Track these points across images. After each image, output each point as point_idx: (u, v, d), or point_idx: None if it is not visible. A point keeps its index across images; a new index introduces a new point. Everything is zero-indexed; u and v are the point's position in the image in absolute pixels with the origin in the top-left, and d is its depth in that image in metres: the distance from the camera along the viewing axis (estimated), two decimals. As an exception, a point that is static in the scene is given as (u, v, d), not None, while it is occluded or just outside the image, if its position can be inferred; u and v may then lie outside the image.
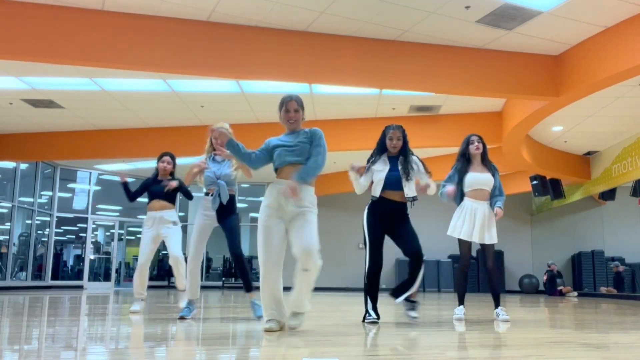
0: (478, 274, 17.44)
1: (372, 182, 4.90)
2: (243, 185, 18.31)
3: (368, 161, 4.97)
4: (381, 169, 4.84)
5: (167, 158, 6.00)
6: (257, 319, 4.91)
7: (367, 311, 4.80)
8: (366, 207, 4.90)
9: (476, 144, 5.45)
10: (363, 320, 4.82)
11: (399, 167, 4.80)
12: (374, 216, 4.83)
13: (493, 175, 5.43)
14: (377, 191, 4.80)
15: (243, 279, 5.11)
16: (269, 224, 3.92)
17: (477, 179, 5.39)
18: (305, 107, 4.21)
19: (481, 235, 5.34)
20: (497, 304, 5.44)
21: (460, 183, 5.44)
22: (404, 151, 4.90)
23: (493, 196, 5.43)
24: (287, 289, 3.91)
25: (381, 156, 4.93)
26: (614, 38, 7.13)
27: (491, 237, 5.35)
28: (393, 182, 4.78)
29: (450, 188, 5.34)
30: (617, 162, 12.51)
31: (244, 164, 4.29)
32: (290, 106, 4.06)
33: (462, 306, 5.45)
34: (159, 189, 5.88)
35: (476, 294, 15.27)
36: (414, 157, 4.93)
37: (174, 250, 5.76)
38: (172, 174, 6.05)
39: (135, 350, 3.01)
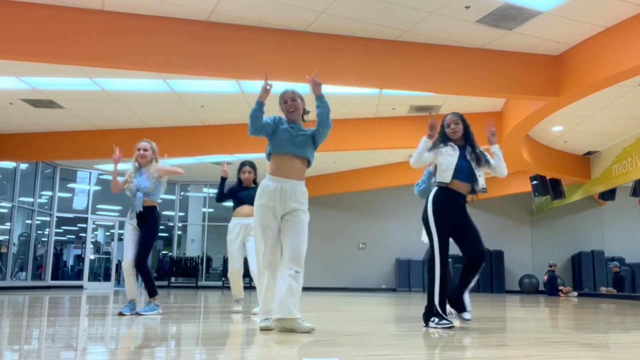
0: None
1: (436, 167, 4.61)
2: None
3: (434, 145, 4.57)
4: (451, 154, 4.47)
5: (247, 168, 6.03)
6: (134, 314, 5.25)
7: (437, 313, 4.27)
8: (430, 196, 4.46)
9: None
10: (427, 325, 4.33)
11: (468, 156, 4.51)
12: (442, 206, 4.40)
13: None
14: (447, 177, 4.41)
15: (147, 285, 5.49)
16: (266, 223, 3.94)
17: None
18: (305, 107, 4.24)
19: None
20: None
21: None
22: (469, 140, 4.60)
23: None
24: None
25: (447, 143, 4.55)
26: (614, 38, 7.13)
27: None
28: (463, 171, 4.45)
29: None
30: (617, 162, 12.50)
31: (174, 171, 5.41)
32: (287, 96, 4.22)
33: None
34: (247, 195, 5.76)
35: (476, 294, 15.27)
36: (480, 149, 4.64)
37: (253, 265, 5.60)
38: (254, 181, 6.01)
39: (135, 350, 3.01)
